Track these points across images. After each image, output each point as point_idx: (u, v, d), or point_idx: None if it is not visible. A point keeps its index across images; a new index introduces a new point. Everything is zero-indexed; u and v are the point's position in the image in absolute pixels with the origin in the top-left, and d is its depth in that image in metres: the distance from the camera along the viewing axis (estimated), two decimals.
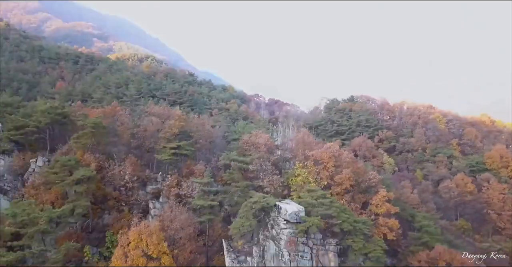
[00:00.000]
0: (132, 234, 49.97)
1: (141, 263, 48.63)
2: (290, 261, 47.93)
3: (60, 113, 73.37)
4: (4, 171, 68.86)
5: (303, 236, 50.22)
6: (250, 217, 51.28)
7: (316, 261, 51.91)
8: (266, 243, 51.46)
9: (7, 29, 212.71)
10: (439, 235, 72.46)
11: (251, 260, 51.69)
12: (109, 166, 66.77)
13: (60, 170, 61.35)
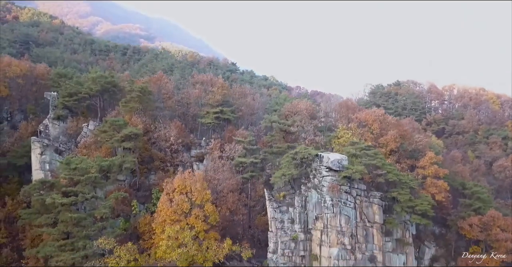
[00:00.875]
0: (177, 181, 51.25)
1: (185, 208, 49.75)
2: (333, 206, 47.10)
3: (110, 81, 76.68)
4: (59, 135, 73.00)
5: (346, 184, 49.20)
6: (292, 167, 50.99)
7: (360, 213, 50.72)
8: (308, 193, 50.97)
9: (61, 25, 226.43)
10: (492, 203, 68.47)
11: (293, 210, 51.39)
12: (155, 128, 68.86)
13: (109, 129, 64.16)
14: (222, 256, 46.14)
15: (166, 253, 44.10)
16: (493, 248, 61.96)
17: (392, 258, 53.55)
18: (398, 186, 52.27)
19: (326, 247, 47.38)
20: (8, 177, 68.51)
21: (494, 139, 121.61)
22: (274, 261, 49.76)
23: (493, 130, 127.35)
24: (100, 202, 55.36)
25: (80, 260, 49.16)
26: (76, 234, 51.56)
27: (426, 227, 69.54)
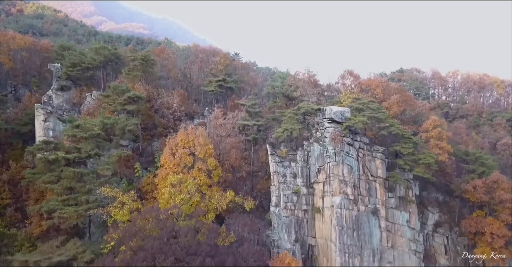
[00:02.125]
0: (180, 135, 51.33)
1: (188, 161, 49.79)
2: (335, 155, 46.91)
3: (113, 53, 77.10)
4: (63, 104, 73.39)
5: (348, 136, 49.02)
6: (294, 122, 50.90)
7: (363, 166, 50.53)
8: (310, 148, 50.82)
9: (66, 18, 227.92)
10: (495, 168, 68.02)
11: (295, 165, 51.26)
12: (158, 95, 69.06)
13: (112, 94, 64.46)
14: (225, 204, 46.06)
15: (168, 203, 44.03)
16: (497, 211, 61.51)
17: (395, 215, 53.25)
18: (401, 140, 52.04)
19: (329, 197, 47.19)
20: (12, 144, 68.80)
21: (498, 121, 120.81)
22: (277, 214, 49.64)
23: (497, 113, 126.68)
24: (104, 160, 55.61)
25: (83, 213, 49.30)
26: (79, 189, 51.68)
27: (429, 194, 69.34)
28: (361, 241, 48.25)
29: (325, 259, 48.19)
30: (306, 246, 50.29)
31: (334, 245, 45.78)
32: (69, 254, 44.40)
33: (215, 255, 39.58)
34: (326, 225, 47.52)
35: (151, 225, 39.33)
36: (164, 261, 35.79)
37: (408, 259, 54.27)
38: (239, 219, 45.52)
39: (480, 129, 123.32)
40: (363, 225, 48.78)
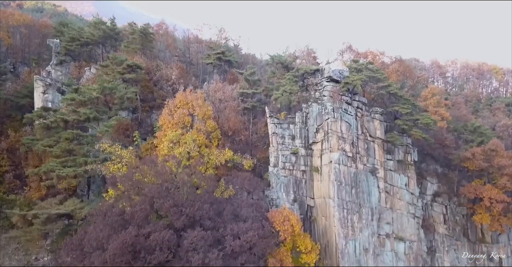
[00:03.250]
0: (178, 96, 51.48)
1: (186, 121, 49.84)
2: (333, 111, 46.90)
3: (111, 28, 77.22)
4: (62, 77, 73.41)
5: (347, 94, 49.07)
6: (293, 84, 50.97)
7: (361, 126, 50.56)
8: (309, 109, 50.86)
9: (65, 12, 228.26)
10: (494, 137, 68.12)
11: (293, 127, 51.30)
12: (157, 66, 69.12)
13: (111, 64, 64.51)
14: (224, 160, 46.05)
15: (167, 155, 43.99)
16: (495, 179, 61.54)
17: (394, 177, 53.26)
18: (400, 101, 52.10)
19: (327, 154, 47.15)
20: (11, 116, 68.79)
21: (497, 106, 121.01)
22: (275, 174, 49.61)
23: (496, 98, 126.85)
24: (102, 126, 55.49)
25: (82, 173, 49.27)
26: (77, 151, 51.74)
27: (428, 166, 69.42)
28: (360, 199, 48.21)
29: (323, 219, 48.13)
30: (305, 206, 50.24)
31: (333, 200, 45.72)
32: (68, 209, 44.49)
33: (214, 203, 39.61)
34: (325, 183, 47.50)
35: (149, 175, 39.30)
36: (162, 205, 35.79)
37: (407, 222, 54.25)
38: (238, 175, 45.47)
39: (479, 114, 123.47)
40: (361, 183, 48.75)
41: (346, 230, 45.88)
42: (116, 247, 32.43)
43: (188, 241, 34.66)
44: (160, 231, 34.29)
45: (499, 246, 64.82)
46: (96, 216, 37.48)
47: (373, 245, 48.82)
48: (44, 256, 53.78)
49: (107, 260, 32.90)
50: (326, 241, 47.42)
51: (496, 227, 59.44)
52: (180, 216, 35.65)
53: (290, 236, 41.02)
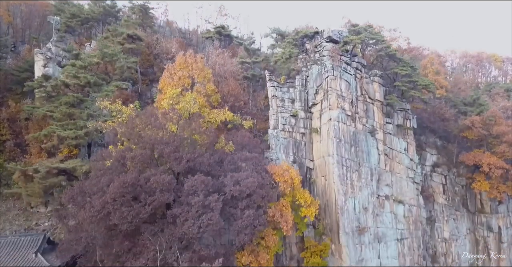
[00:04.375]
0: (178, 59, 51.70)
1: (186, 83, 50.05)
2: (333, 69, 47.12)
3: (112, 6, 77.67)
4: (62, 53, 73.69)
5: (346, 55, 49.33)
6: (293, 46, 51.26)
7: (361, 87, 50.83)
8: (308, 72, 51.10)
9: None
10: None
11: (293, 90, 51.54)
12: (157, 39, 69.45)
13: (111, 35, 64.88)
14: (224, 118, 46.27)
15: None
16: (495, 148, 61.74)
17: (393, 140, 53.43)
18: (399, 64, 52.37)
19: (327, 113, 47.29)
20: (12, 89, 69.03)
21: (496, 91, 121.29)
22: (275, 136, 49.79)
23: (495, 84, 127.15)
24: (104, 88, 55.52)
25: (83, 135, 49.41)
26: (78, 115, 51.96)
27: (427, 139, 69.66)
28: (359, 158, 48.40)
29: (323, 179, 48.31)
30: (304, 168, 50.39)
31: (332, 157, 45.88)
32: (68, 166, 44.67)
33: (214, 154, 39.83)
34: (324, 142, 47.67)
35: (149, 126, 39.41)
36: (162, 150, 35.95)
37: (406, 186, 54.46)
38: (238, 134, 45.67)
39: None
40: (360, 143, 48.95)
41: (345, 188, 46.03)
42: (116, 187, 32.61)
43: (189, 185, 34.87)
44: (160, 174, 34.46)
45: (498, 216, 65.07)
46: (96, 162, 37.66)
47: (372, 205, 48.99)
48: (45, 222, 54.06)
49: (107, 201, 33.08)
50: (325, 200, 47.57)
51: (495, 194, 59.61)
52: (180, 161, 35.83)
53: (290, 188, 41.22)
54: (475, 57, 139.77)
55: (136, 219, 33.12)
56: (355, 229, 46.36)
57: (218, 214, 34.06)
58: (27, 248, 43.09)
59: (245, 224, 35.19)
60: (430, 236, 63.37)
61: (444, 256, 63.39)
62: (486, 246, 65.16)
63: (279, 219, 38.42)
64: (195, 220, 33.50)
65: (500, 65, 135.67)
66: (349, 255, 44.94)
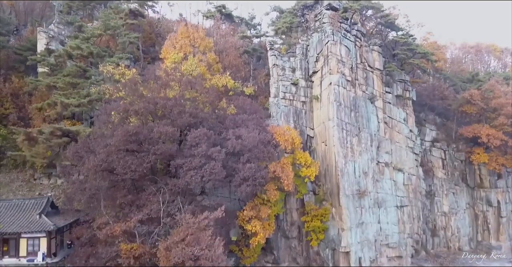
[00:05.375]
0: (180, 29, 52.48)
1: (188, 52, 50.69)
2: (333, 34, 47.73)
3: None
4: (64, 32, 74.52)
5: (346, 22, 49.96)
6: (292, 16, 51.91)
7: (360, 56, 51.46)
8: (309, 41, 51.73)
9: None
10: None
11: (294, 60, 52.17)
12: (158, 19, 70.19)
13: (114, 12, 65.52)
14: (225, 82, 46.87)
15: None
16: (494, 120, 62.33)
17: (392, 110, 54.01)
18: (398, 33, 53.04)
19: (327, 78, 47.86)
20: (15, 67, 69.67)
21: (495, 79, 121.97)
22: (276, 104, 50.36)
23: (494, 73, 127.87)
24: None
25: (86, 103, 49.95)
26: (81, 85, 52.58)
27: (427, 116, 70.28)
28: (359, 123, 48.94)
29: (323, 145, 48.82)
30: (305, 137, 50.89)
31: (332, 121, 46.38)
32: (72, 129, 45.27)
33: (216, 112, 40.40)
34: (324, 108, 48.20)
35: (152, 85, 40.01)
36: (165, 104, 36.49)
37: (405, 155, 54.99)
38: (239, 98, 46.26)
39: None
40: (360, 109, 49.50)
41: (345, 151, 46.55)
42: (120, 135, 33.18)
43: (191, 137, 35.43)
44: (163, 126, 35.01)
45: (497, 191, 65.61)
46: (100, 115, 38.22)
47: (372, 171, 49.49)
48: (48, 192, 54.57)
49: (111, 150, 33.63)
50: (325, 165, 48.07)
51: (494, 166, 60.16)
52: (183, 115, 36.38)
53: (291, 146, 41.76)
54: (474, 48, 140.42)
55: (140, 168, 33.62)
56: (355, 192, 46.84)
57: (220, 164, 34.57)
58: (31, 210, 43.62)
59: (246, 175, 35.72)
60: (430, 210, 63.94)
61: (444, 230, 63.92)
62: (485, 220, 65.71)
63: (280, 174, 38.94)
64: (197, 170, 34.01)
65: (499, 55, 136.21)
66: (350, 217, 45.40)
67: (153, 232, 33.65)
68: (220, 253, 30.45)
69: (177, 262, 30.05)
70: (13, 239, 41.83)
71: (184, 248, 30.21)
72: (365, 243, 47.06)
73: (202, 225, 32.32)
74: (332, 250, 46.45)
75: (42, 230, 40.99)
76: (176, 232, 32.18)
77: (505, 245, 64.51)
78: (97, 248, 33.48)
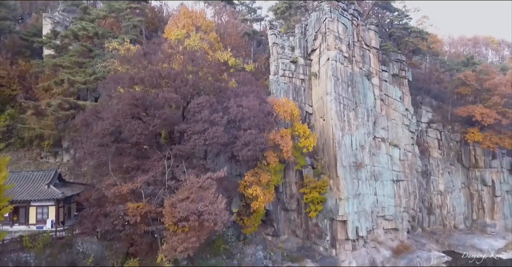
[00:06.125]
0: (182, 9, 54.31)
1: (191, 30, 52.40)
2: (331, 12, 49.34)
3: None
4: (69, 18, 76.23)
5: (343, 1, 51.63)
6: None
7: (357, 34, 53.11)
8: (308, 20, 53.36)
9: None
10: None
11: (293, 39, 53.82)
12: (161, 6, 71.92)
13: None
14: (226, 58, 48.57)
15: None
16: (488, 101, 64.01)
17: (388, 88, 55.69)
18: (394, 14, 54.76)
19: (325, 55, 49.54)
20: (21, 51, 71.35)
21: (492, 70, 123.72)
22: (275, 81, 52.01)
23: (491, 64, 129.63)
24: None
25: (91, 80, 51.60)
26: (87, 64, 54.26)
27: (423, 99, 71.91)
28: (356, 98, 50.61)
29: (321, 120, 50.42)
30: (304, 113, 52.52)
31: (330, 95, 48.05)
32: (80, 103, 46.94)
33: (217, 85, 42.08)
34: (322, 83, 49.84)
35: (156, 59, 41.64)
36: (169, 72, 38.12)
37: (401, 132, 56.62)
38: (241, 73, 47.91)
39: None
40: (357, 84, 51.17)
41: (342, 124, 48.22)
42: (126, 99, 34.84)
43: (194, 103, 37.09)
44: (168, 92, 36.65)
45: (492, 171, 67.19)
46: (107, 84, 39.87)
47: (369, 144, 51.15)
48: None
49: (119, 114, 35.29)
50: (323, 139, 49.69)
51: (488, 144, 61.74)
52: (186, 83, 38.03)
53: (290, 117, 43.45)
54: (472, 40, 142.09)
55: (146, 131, 35.30)
56: (352, 164, 48.48)
57: (222, 129, 36.22)
58: (39, 181, 45.34)
59: (247, 140, 37.37)
60: (426, 189, 65.56)
61: (440, 208, 65.52)
62: (480, 199, 67.31)
63: (280, 141, 40.57)
64: (201, 134, 35.65)
65: (496, 47, 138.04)
66: (347, 188, 47.03)
67: (158, 193, 35.30)
68: (222, 207, 32.11)
69: (182, 217, 31.70)
70: (23, 208, 43.44)
71: (188, 204, 31.85)
72: (362, 214, 48.68)
73: (205, 184, 34.02)
74: (330, 220, 48.02)
75: (51, 198, 42.70)
76: (181, 191, 33.87)
77: (499, 224, 66.08)
78: (105, 207, 35.10)
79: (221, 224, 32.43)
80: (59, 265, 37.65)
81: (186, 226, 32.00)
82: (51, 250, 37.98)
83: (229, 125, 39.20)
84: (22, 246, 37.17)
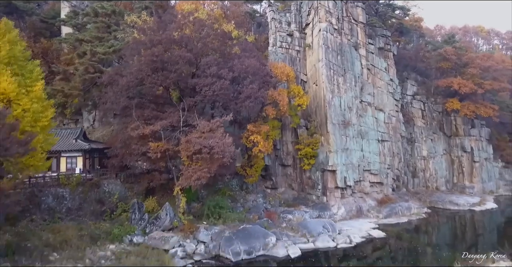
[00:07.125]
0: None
1: (198, 6, 58.98)
2: None
3: None
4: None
5: None
6: None
7: (346, 10, 59.79)
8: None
9: None
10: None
11: (289, 15, 60.48)
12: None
13: None
14: (229, 29, 55.16)
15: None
16: (465, 74, 70.78)
17: (375, 59, 62.41)
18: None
19: (317, 27, 56.25)
20: (41, 32, 78.00)
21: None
22: (274, 52, 58.72)
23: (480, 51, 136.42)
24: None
25: (111, 52, 58.27)
26: (106, 38, 60.89)
27: (409, 74, 78.64)
28: (344, 66, 57.34)
29: (314, 86, 57.13)
30: (299, 81, 59.27)
31: (321, 61, 54.76)
32: (103, 68, 53.60)
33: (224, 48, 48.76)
34: (315, 52, 56.57)
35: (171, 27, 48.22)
36: (181, 39, 44.77)
37: (386, 99, 63.35)
38: (243, 41, 54.54)
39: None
40: (346, 54, 57.91)
41: (332, 87, 54.95)
42: (147, 55, 41.54)
43: (204, 62, 43.86)
44: (182, 52, 43.37)
45: (470, 139, 73.99)
46: (127, 44, 46.54)
47: (356, 107, 57.91)
48: None
49: (141, 68, 42.05)
50: (316, 103, 56.39)
51: (466, 112, 68.57)
52: (197, 44, 44.75)
53: (286, 78, 50.17)
54: (462, 29, 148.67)
55: (165, 83, 42.10)
56: (341, 122, 55.23)
57: (228, 83, 42.95)
58: (68, 136, 52.18)
59: (249, 93, 44.05)
60: (410, 155, 72.37)
61: (423, 172, 72.31)
62: (460, 164, 74.16)
63: (277, 97, 47.31)
64: (210, 86, 42.38)
65: (486, 36, 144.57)
66: (336, 142, 53.78)
67: (175, 134, 42.12)
68: (229, 142, 38.80)
69: (196, 150, 38.43)
70: (55, 158, 50.20)
71: (201, 140, 38.61)
72: (350, 166, 55.44)
73: (214, 126, 40.76)
74: (322, 172, 54.77)
75: (79, 150, 49.62)
76: (195, 132, 40.63)
77: (477, 186, 72.94)
78: (131, 147, 41.88)
79: (228, 157, 39.03)
80: (89, 200, 44.45)
81: (199, 158, 38.66)
82: (82, 188, 44.61)
83: (234, 83, 45.83)
84: (59, 183, 43.82)
